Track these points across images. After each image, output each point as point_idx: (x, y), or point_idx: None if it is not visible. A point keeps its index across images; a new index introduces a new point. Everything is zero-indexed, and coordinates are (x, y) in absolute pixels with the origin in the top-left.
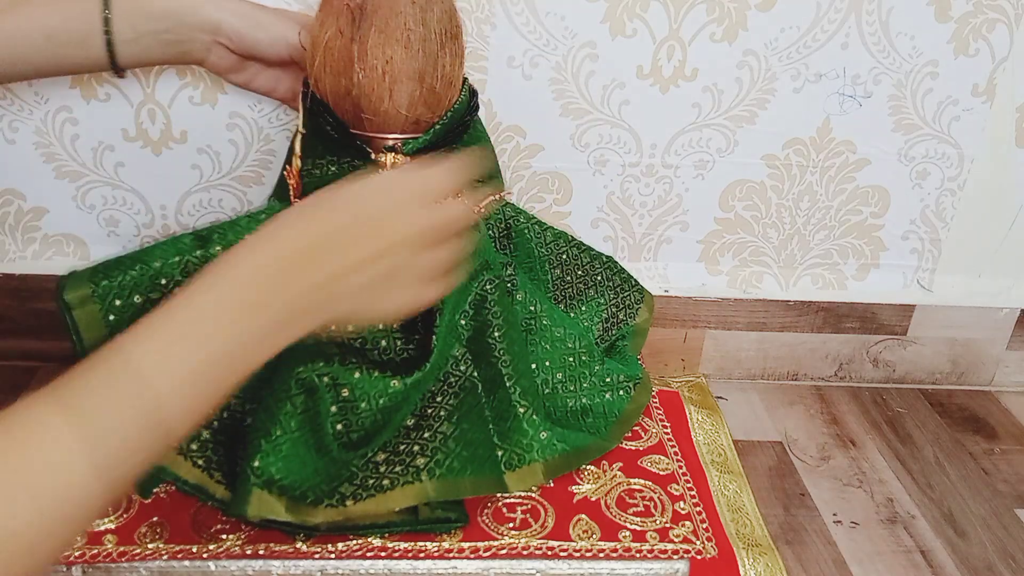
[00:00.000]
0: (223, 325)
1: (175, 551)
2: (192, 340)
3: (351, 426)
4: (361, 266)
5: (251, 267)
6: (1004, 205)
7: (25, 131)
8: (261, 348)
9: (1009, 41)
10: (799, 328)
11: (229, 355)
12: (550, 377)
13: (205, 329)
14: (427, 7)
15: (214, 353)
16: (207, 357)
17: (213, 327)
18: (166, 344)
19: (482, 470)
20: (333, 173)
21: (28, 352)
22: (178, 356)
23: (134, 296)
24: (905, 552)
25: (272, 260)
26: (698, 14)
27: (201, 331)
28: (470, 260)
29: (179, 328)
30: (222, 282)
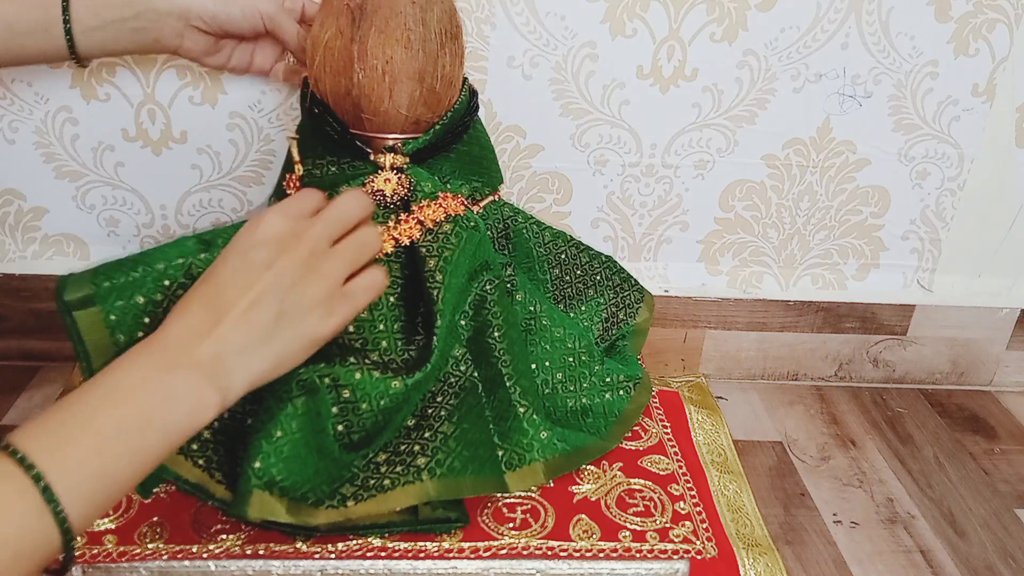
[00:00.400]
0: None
1: (175, 551)
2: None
3: (352, 427)
4: (257, 302)
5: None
6: (1004, 205)
7: (25, 131)
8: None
9: (1009, 41)
10: (799, 328)
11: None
12: (550, 377)
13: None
14: (427, 7)
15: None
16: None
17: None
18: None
19: (482, 470)
20: (333, 173)
21: (28, 352)
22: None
23: (136, 297)
24: (905, 552)
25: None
26: (698, 14)
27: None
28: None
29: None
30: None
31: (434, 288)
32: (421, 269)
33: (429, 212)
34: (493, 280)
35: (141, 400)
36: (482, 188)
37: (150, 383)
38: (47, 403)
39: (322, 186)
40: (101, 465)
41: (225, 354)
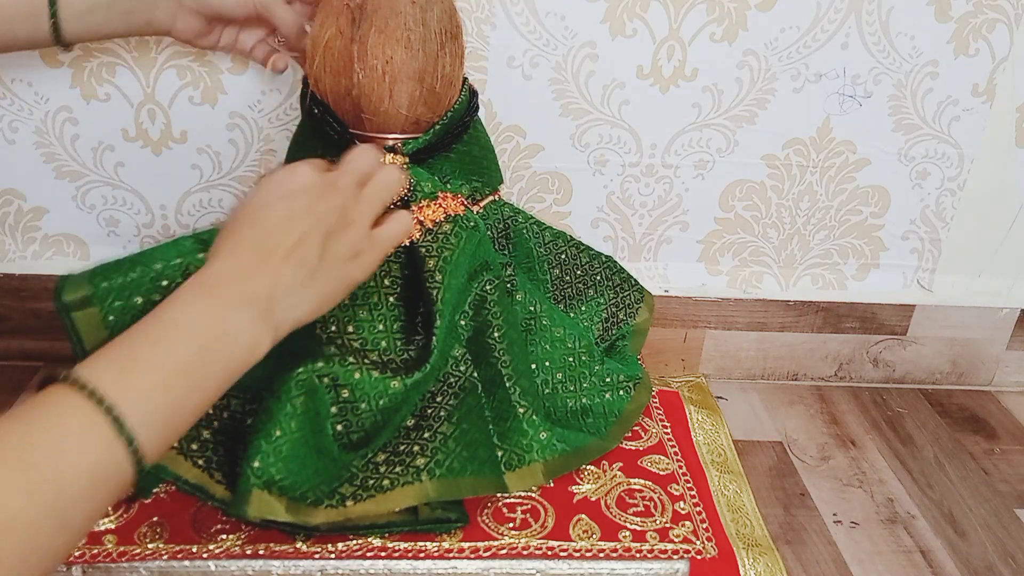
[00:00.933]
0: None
1: (175, 551)
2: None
3: (351, 427)
4: (303, 243)
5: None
6: (1004, 205)
7: (25, 131)
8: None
9: (1009, 41)
10: (799, 328)
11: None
12: (550, 377)
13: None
14: (427, 7)
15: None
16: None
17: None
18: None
19: (482, 470)
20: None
21: (28, 352)
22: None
23: (135, 298)
24: (905, 552)
25: (206, 276)
26: (698, 14)
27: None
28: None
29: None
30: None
31: (434, 288)
32: (421, 269)
33: (429, 212)
34: (493, 280)
35: (201, 337)
36: (482, 188)
37: (208, 320)
38: None
39: None
40: (168, 398)
41: (276, 292)
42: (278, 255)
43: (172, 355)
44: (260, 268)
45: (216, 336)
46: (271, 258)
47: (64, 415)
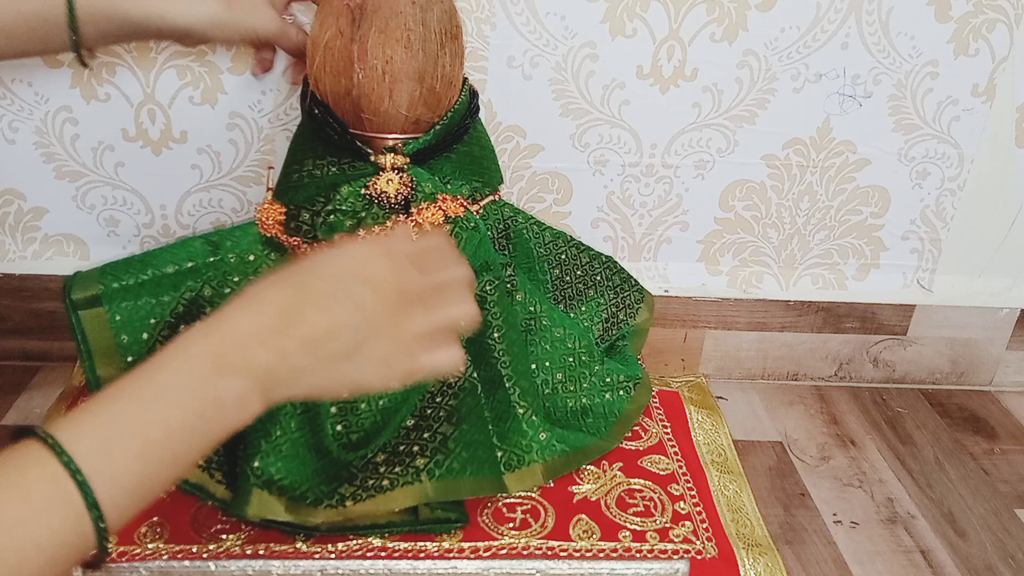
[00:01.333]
0: (154, 408)
1: (175, 551)
2: (120, 426)
3: (351, 427)
4: (333, 334)
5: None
6: (1004, 205)
7: (25, 131)
8: (205, 426)
9: (1009, 41)
10: (799, 328)
11: (167, 436)
12: (550, 377)
13: (136, 413)
14: (427, 7)
15: (147, 436)
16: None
17: (145, 411)
18: (93, 429)
19: (482, 470)
20: (333, 173)
21: (28, 352)
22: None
23: (143, 299)
24: (905, 552)
25: (219, 337)
26: (698, 14)
27: (132, 416)
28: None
29: (106, 414)
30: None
31: None
32: None
33: (428, 214)
34: (493, 281)
35: (192, 404)
36: (482, 188)
37: (203, 386)
38: (47, 403)
39: (322, 186)
40: (144, 470)
41: (281, 369)
42: (300, 333)
43: (158, 423)
44: (275, 338)
45: (207, 403)
46: (291, 331)
47: (35, 483)
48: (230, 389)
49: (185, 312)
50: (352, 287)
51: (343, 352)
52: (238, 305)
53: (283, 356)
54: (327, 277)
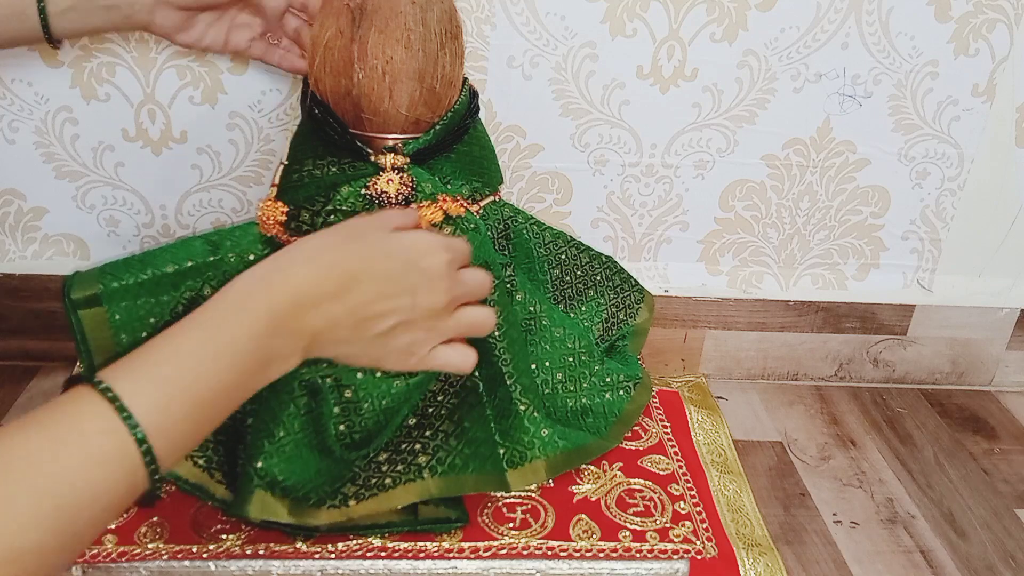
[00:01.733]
0: (212, 368)
1: (175, 551)
2: (178, 384)
3: (354, 427)
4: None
5: (279, 295)
6: (1004, 205)
7: (25, 131)
8: (251, 383)
9: (1009, 41)
10: (799, 328)
11: (218, 394)
12: (550, 377)
13: (194, 372)
14: (427, 7)
15: (201, 395)
16: (194, 400)
17: (203, 370)
18: (152, 386)
19: (484, 467)
20: (334, 173)
21: (28, 352)
22: (164, 398)
23: (143, 298)
24: (905, 552)
25: (281, 298)
26: (698, 14)
27: (189, 374)
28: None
29: (166, 370)
30: (216, 320)
31: None
32: None
33: (428, 214)
34: (493, 280)
35: (245, 363)
36: (482, 188)
37: (258, 346)
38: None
39: (322, 186)
40: (192, 426)
41: (326, 336)
42: (353, 306)
43: (212, 382)
44: (330, 304)
45: (257, 362)
46: (346, 301)
47: (94, 437)
48: (281, 348)
49: (185, 312)
50: (411, 275)
51: (381, 332)
52: (301, 260)
53: (333, 323)
54: (392, 258)
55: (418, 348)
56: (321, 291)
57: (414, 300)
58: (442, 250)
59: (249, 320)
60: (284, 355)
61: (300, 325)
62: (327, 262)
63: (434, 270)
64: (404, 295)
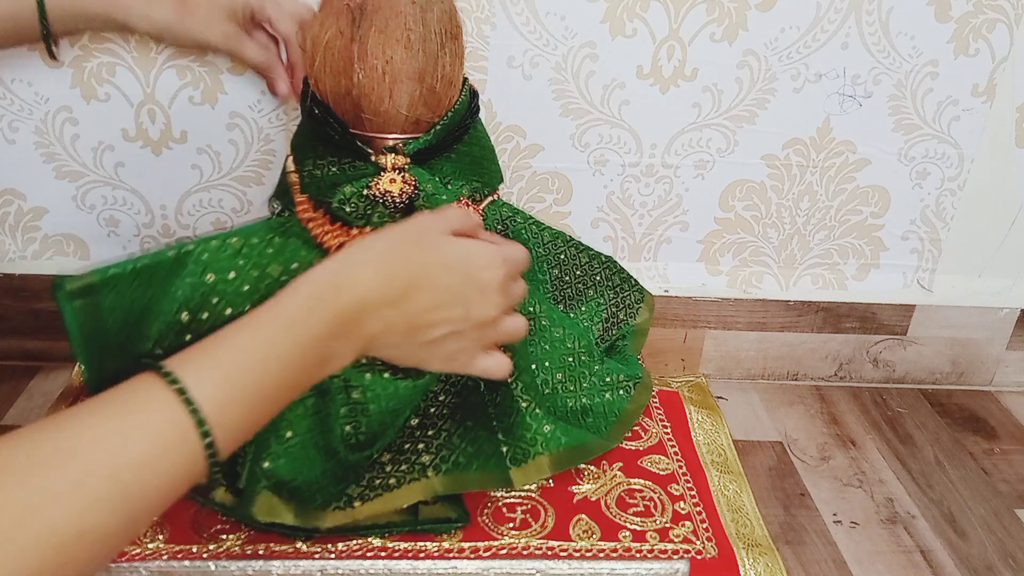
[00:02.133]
0: (276, 366)
1: (175, 551)
2: (242, 380)
3: (360, 427)
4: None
5: (346, 300)
6: (1004, 205)
7: (25, 131)
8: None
9: (1009, 41)
10: (799, 328)
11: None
12: (550, 377)
13: (258, 369)
14: (427, 7)
15: (263, 392)
16: (255, 396)
17: (267, 368)
18: (217, 379)
19: (487, 464)
20: (334, 174)
21: (28, 352)
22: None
23: (140, 283)
24: (905, 552)
25: (348, 304)
26: (698, 14)
27: (254, 371)
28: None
29: (231, 365)
30: (284, 321)
31: None
32: None
33: None
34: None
35: (305, 363)
36: (482, 189)
37: (320, 347)
38: (47, 403)
39: (322, 186)
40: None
41: (381, 339)
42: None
43: (274, 381)
44: (389, 310)
45: (317, 362)
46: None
47: (161, 427)
48: (340, 349)
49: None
50: (467, 289)
51: (432, 340)
52: (367, 265)
53: (389, 328)
54: (451, 270)
55: (462, 355)
56: (383, 297)
57: (467, 312)
58: (500, 264)
59: (316, 323)
60: (342, 355)
61: (360, 329)
62: (390, 270)
63: (490, 285)
64: (459, 306)
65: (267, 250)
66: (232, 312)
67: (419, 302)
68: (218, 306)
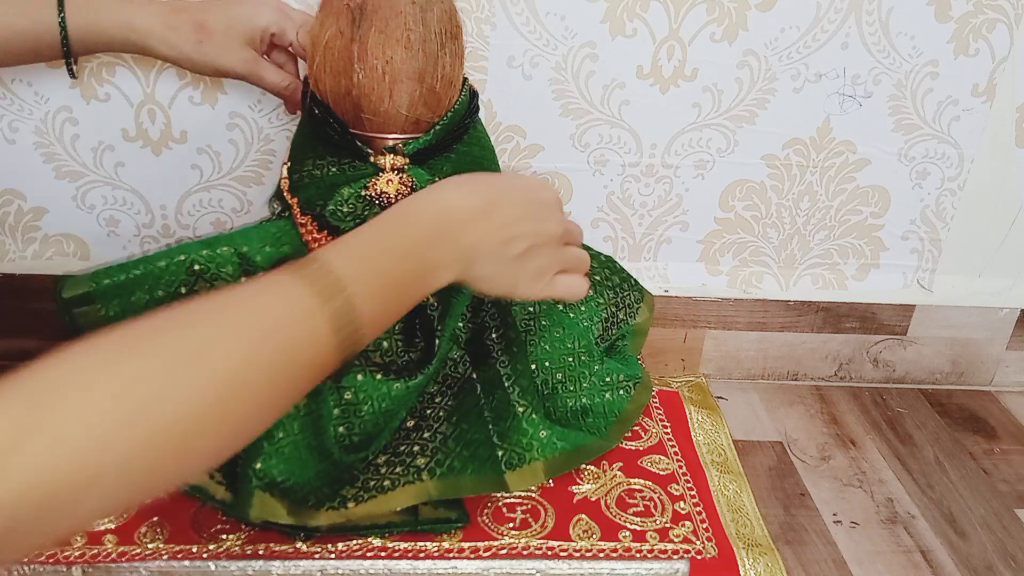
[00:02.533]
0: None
1: (175, 551)
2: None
3: (353, 429)
4: (518, 237)
5: (434, 210)
6: (1004, 205)
7: (25, 131)
8: (418, 286)
9: (1009, 41)
10: (799, 328)
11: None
12: (549, 377)
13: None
14: (427, 7)
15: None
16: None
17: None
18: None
19: (482, 469)
20: (333, 174)
21: (28, 352)
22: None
23: (137, 294)
24: (905, 552)
25: (435, 214)
26: (698, 14)
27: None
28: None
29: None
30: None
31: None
32: None
33: None
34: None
35: (408, 265)
36: None
37: (421, 253)
38: None
39: (322, 186)
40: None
41: (478, 250)
42: (497, 224)
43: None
44: (481, 222)
45: (424, 268)
46: (494, 219)
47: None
48: (442, 257)
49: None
50: (532, 205)
51: (517, 253)
52: (448, 188)
53: (483, 238)
54: (518, 189)
55: (545, 272)
56: (469, 209)
57: (538, 226)
58: (547, 187)
59: (412, 230)
60: (446, 263)
61: (455, 238)
62: (470, 188)
63: (549, 201)
64: (531, 220)
65: (256, 258)
66: None
67: (502, 215)
68: None
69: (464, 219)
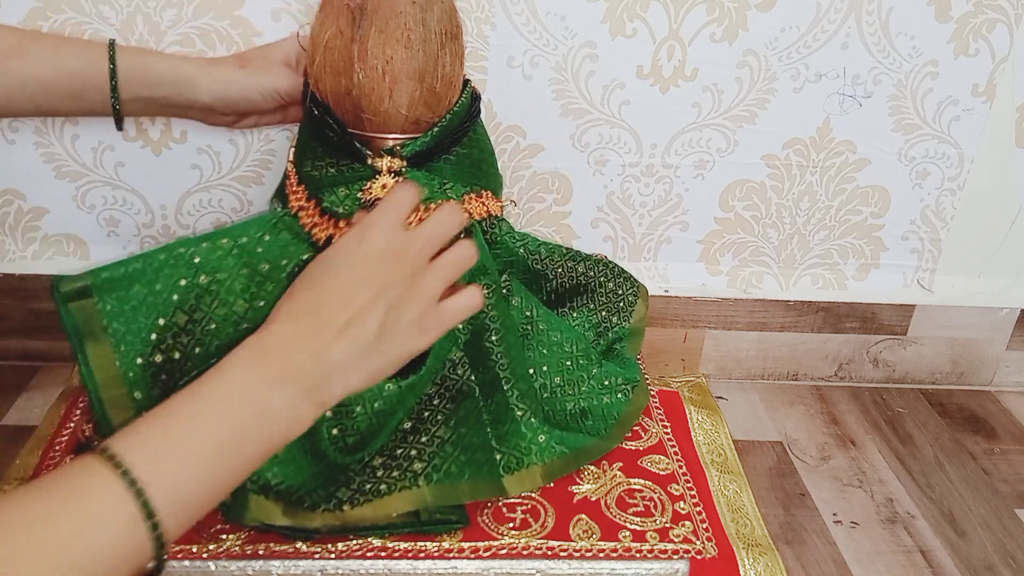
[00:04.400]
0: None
1: (175, 551)
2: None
3: (346, 430)
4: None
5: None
6: (1004, 205)
7: (25, 131)
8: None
9: (1009, 41)
10: (799, 328)
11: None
12: (548, 381)
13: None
14: (427, 7)
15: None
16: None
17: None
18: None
19: (480, 474)
20: (332, 175)
21: (28, 352)
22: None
23: (134, 287)
24: (905, 552)
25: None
26: (698, 14)
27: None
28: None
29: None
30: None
31: None
32: None
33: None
34: (490, 284)
35: (240, 416)
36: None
37: (250, 397)
38: (47, 403)
39: (320, 187)
40: (198, 480)
41: (324, 368)
42: (332, 330)
43: (208, 434)
44: (311, 341)
45: (255, 413)
46: (324, 332)
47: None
48: (278, 398)
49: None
50: (359, 268)
51: (375, 332)
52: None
53: (319, 357)
54: (335, 269)
55: (425, 319)
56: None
57: (379, 288)
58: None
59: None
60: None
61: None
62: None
63: (376, 248)
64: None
65: (257, 249)
66: (225, 311)
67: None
68: (212, 306)
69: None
